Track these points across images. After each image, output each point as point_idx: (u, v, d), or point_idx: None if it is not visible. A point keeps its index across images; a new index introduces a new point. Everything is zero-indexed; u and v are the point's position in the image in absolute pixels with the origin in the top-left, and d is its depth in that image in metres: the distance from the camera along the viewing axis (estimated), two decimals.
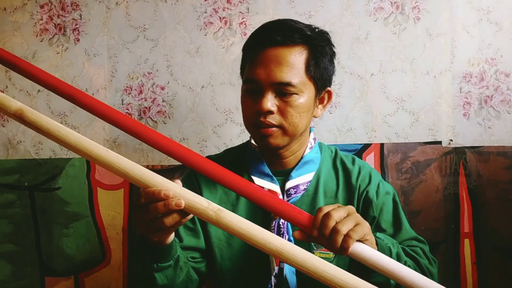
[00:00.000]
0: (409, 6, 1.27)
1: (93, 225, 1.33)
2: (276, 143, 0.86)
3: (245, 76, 0.88)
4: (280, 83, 0.83)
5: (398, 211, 0.94)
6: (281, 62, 0.83)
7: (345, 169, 0.96)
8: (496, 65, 1.26)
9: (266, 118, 0.84)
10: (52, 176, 1.33)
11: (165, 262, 0.75)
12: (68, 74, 1.34)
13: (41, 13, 1.34)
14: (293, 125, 0.85)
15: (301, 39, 0.85)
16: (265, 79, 0.83)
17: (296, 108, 0.85)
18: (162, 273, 0.76)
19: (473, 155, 1.27)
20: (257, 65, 0.85)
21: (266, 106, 0.83)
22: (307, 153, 0.93)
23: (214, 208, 0.64)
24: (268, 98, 0.83)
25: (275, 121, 0.84)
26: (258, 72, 0.84)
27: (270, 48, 0.84)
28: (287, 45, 0.84)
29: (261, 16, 1.29)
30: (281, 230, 0.87)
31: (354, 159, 0.98)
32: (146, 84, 1.32)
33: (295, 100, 0.84)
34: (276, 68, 0.83)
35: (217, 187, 0.94)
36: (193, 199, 0.64)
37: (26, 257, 1.34)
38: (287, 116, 0.84)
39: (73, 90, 0.83)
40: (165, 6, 1.31)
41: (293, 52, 0.84)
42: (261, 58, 0.85)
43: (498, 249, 1.26)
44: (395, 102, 1.28)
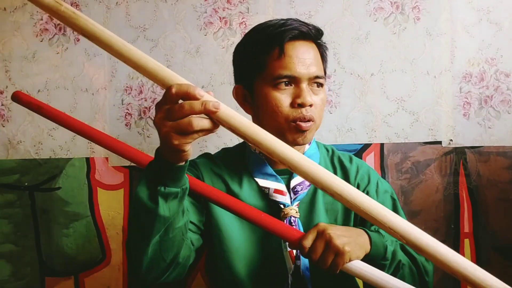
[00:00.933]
0: (409, 6, 1.27)
1: (93, 225, 1.33)
2: (310, 139, 0.89)
3: (278, 71, 0.84)
4: (317, 76, 0.85)
5: (397, 209, 0.95)
6: (312, 56, 0.86)
7: (343, 167, 0.96)
8: (496, 65, 1.26)
9: (308, 112, 0.84)
10: (52, 176, 1.33)
11: (174, 187, 0.67)
12: (68, 74, 1.34)
13: (41, 13, 1.34)
14: (320, 119, 0.88)
15: (316, 35, 0.89)
16: (304, 73, 0.84)
17: (323, 101, 0.88)
18: (166, 202, 0.68)
19: (473, 155, 1.27)
20: (291, 58, 0.84)
21: (309, 99, 0.84)
22: (307, 150, 0.94)
23: (248, 121, 0.61)
24: (307, 91, 0.85)
25: (314, 114, 0.86)
26: (296, 66, 0.84)
27: (299, 40, 0.86)
28: (310, 39, 0.88)
29: (261, 16, 1.29)
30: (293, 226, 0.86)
31: (351, 157, 0.99)
32: (146, 84, 1.32)
33: (322, 93, 0.88)
34: (312, 62, 0.85)
35: (219, 180, 0.92)
36: (227, 108, 0.61)
37: (26, 257, 1.34)
38: (318, 109, 0.87)
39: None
40: (165, 6, 1.31)
41: (314, 47, 0.88)
42: (293, 51, 0.85)
43: (498, 249, 1.26)
44: (395, 102, 1.28)
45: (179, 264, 0.78)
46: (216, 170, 0.94)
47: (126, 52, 0.61)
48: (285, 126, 0.85)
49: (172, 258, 0.75)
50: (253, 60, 0.88)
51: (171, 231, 0.71)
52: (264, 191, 0.90)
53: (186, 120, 0.59)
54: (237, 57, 0.96)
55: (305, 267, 0.87)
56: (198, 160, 0.96)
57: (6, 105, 1.35)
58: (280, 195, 0.88)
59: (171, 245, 0.73)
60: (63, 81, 1.34)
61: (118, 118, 1.33)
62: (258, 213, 0.78)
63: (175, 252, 0.75)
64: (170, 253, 0.74)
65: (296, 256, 0.86)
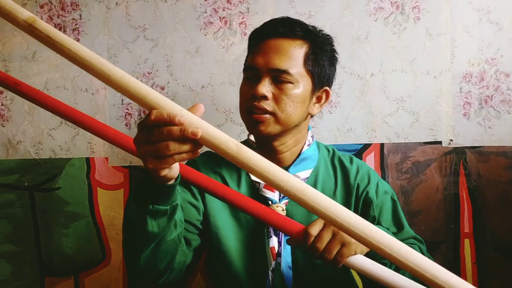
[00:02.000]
0: (409, 6, 1.27)
1: (93, 225, 1.33)
2: (267, 131, 0.87)
3: (245, 65, 0.91)
4: (276, 69, 0.86)
5: (397, 210, 0.95)
6: (280, 51, 0.87)
7: (343, 167, 0.97)
8: (496, 65, 1.26)
9: (259, 103, 0.86)
10: (52, 176, 1.33)
11: (162, 205, 0.67)
12: (68, 74, 1.34)
13: (41, 13, 1.34)
14: (285, 113, 0.87)
15: (303, 33, 0.89)
16: (263, 65, 0.87)
17: (290, 97, 0.87)
18: (155, 220, 0.67)
19: (473, 155, 1.27)
20: (257, 53, 0.89)
21: (261, 91, 0.85)
22: (305, 150, 0.95)
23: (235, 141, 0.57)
24: (264, 83, 0.86)
25: (269, 107, 0.86)
26: (258, 60, 0.88)
27: (272, 38, 0.88)
28: (289, 37, 0.88)
29: (261, 16, 1.29)
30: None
31: (351, 158, 1.00)
32: (146, 84, 1.31)
33: (290, 89, 0.87)
34: (275, 56, 0.86)
35: (217, 177, 0.95)
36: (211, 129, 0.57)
37: (26, 257, 1.34)
38: (280, 103, 0.86)
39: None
40: (165, 6, 1.31)
41: (293, 44, 0.88)
42: (262, 47, 0.89)
43: (498, 249, 1.26)
44: (395, 102, 1.28)
45: (174, 270, 0.80)
46: (215, 169, 0.96)
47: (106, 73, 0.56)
48: (244, 117, 0.91)
49: (165, 266, 0.77)
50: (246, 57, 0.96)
51: (163, 244, 0.72)
52: (255, 185, 0.92)
53: (163, 144, 0.56)
54: None
55: (287, 265, 0.88)
56: (198, 159, 0.98)
57: (6, 105, 1.35)
58: (270, 191, 0.91)
59: (164, 256, 0.74)
60: (63, 81, 1.34)
61: (118, 118, 1.33)
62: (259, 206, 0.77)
63: (169, 260, 0.76)
64: (163, 262, 0.76)
65: (277, 253, 0.87)
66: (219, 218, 0.92)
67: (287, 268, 0.88)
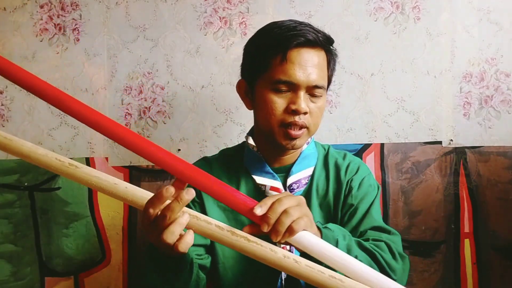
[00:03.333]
0: (409, 6, 1.27)
1: (93, 225, 1.33)
2: (300, 145, 0.89)
3: (278, 76, 0.85)
4: (316, 86, 0.85)
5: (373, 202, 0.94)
6: (316, 65, 0.86)
7: (336, 164, 0.98)
8: (496, 65, 1.26)
9: (300, 119, 0.85)
10: (52, 176, 1.33)
11: (183, 269, 0.74)
12: (68, 74, 1.34)
13: (41, 13, 1.34)
14: (315, 126, 0.89)
15: (325, 42, 0.89)
16: (303, 81, 0.84)
17: (320, 110, 0.88)
18: (179, 281, 0.75)
19: (473, 155, 1.27)
20: (293, 65, 0.84)
21: (304, 107, 0.84)
22: (305, 148, 0.95)
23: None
24: (303, 99, 0.85)
25: (307, 122, 0.86)
26: (296, 74, 0.84)
27: (304, 47, 0.85)
28: (317, 46, 0.87)
29: (261, 16, 1.29)
30: None
31: (345, 154, 1.01)
32: (146, 84, 1.32)
33: (321, 102, 0.88)
34: (313, 71, 0.85)
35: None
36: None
37: (26, 257, 1.34)
38: (314, 117, 0.87)
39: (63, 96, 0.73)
40: (165, 6, 1.31)
41: (321, 55, 0.88)
42: (296, 58, 0.85)
43: (498, 249, 1.26)
44: (395, 102, 1.28)
45: None
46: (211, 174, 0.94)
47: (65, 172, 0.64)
48: (276, 130, 0.87)
49: None
50: (259, 60, 0.89)
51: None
52: (261, 188, 0.92)
53: (171, 230, 0.62)
54: (246, 52, 0.96)
55: None
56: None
57: (6, 105, 1.35)
58: (276, 193, 0.90)
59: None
60: (63, 81, 1.34)
61: (118, 118, 1.33)
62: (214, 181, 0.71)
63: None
64: None
65: None
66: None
67: None
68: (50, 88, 0.71)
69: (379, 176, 1.28)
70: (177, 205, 0.61)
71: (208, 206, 0.93)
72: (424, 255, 1.27)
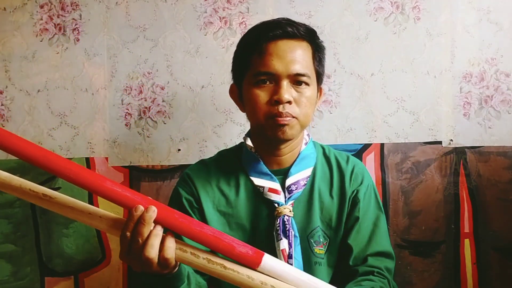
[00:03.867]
0: (409, 6, 1.27)
1: None
2: (292, 134, 0.88)
3: (257, 69, 0.87)
4: (297, 74, 0.85)
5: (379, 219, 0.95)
6: (296, 54, 0.86)
7: (340, 167, 0.97)
8: (496, 65, 1.26)
9: (285, 109, 0.85)
10: (52, 176, 1.33)
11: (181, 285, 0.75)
12: (68, 74, 1.34)
13: (41, 13, 1.34)
14: (306, 116, 0.88)
15: (307, 34, 0.89)
16: (283, 70, 0.85)
17: (308, 99, 0.88)
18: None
19: (473, 155, 1.27)
20: (270, 56, 0.85)
21: (286, 96, 0.84)
22: (303, 149, 0.95)
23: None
24: (285, 89, 0.85)
25: (293, 111, 0.86)
26: (274, 64, 0.85)
27: (282, 39, 0.86)
28: (297, 38, 0.88)
29: (261, 16, 1.29)
30: (286, 227, 0.88)
31: (348, 157, 1.00)
32: (146, 84, 1.32)
33: (307, 91, 0.87)
34: (293, 59, 0.85)
35: (214, 189, 0.94)
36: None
37: (26, 257, 1.34)
38: (301, 106, 0.87)
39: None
40: (165, 6, 1.31)
41: (303, 45, 0.88)
42: (274, 49, 0.86)
43: (498, 249, 1.26)
44: (395, 102, 1.28)
45: None
46: (209, 178, 0.95)
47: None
48: (264, 123, 0.87)
49: None
50: (242, 59, 0.92)
51: None
52: (259, 189, 0.91)
53: (146, 249, 0.65)
54: (234, 55, 0.98)
55: (299, 266, 0.88)
56: (190, 172, 0.97)
57: (6, 105, 1.35)
58: (275, 194, 0.90)
59: None
60: (63, 81, 1.34)
61: (118, 118, 1.33)
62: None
63: None
64: None
65: (288, 255, 0.87)
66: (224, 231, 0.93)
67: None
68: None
69: (379, 176, 1.28)
70: (142, 227, 0.65)
71: (207, 212, 0.92)
72: (424, 255, 1.27)
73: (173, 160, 1.31)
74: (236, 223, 0.92)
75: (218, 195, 0.93)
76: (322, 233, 0.92)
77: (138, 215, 0.66)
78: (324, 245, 0.91)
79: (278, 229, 0.87)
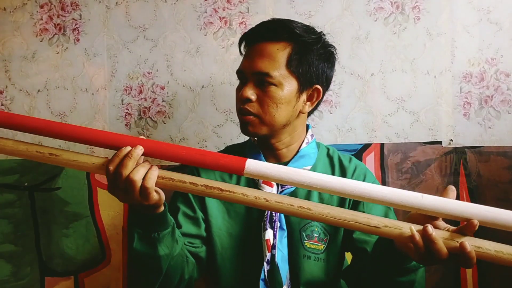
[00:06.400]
0: (409, 6, 1.27)
1: (93, 225, 1.33)
2: (253, 131, 0.92)
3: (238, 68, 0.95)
4: (259, 72, 0.89)
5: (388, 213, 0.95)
6: (263, 55, 0.90)
7: (342, 166, 0.99)
8: (496, 65, 1.26)
9: (245, 105, 0.90)
10: (52, 176, 1.33)
11: (165, 229, 0.78)
12: (68, 74, 1.34)
13: (41, 13, 1.34)
14: (269, 115, 0.90)
15: (287, 35, 0.91)
16: (247, 69, 0.91)
17: (273, 99, 0.89)
18: (163, 242, 0.78)
19: (473, 155, 1.27)
20: (244, 58, 0.94)
21: (246, 94, 0.90)
22: (304, 148, 0.97)
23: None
24: (249, 86, 0.90)
25: (253, 109, 0.90)
26: (244, 64, 0.93)
27: (258, 43, 0.92)
28: (272, 40, 0.91)
29: (261, 16, 1.29)
30: (273, 218, 0.91)
31: (351, 158, 1.02)
32: (146, 84, 1.32)
33: (273, 91, 0.89)
34: (257, 59, 0.90)
35: (216, 178, 0.97)
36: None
37: (26, 257, 1.34)
38: (264, 105, 0.90)
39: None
40: (165, 6, 1.31)
41: (276, 46, 0.90)
42: (249, 51, 0.93)
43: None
44: (395, 102, 1.28)
45: (185, 280, 0.88)
46: None
47: None
48: (238, 118, 0.95)
49: (178, 279, 0.86)
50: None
51: (172, 261, 0.81)
52: (255, 180, 0.95)
53: (130, 180, 0.70)
54: None
55: (283, 257, 0.90)
56: None
57: (6, 105, 1.35)
58: (268, 186, 0.94)
59: (174, 271, 0.84)
60: (63, 81, 1.34)
61: (118, 118, 1.33)
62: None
63: (180, 273, 0.86)
64: (175, 277, 0.85)
65: (272, 245, 0.90)
66: (219, 218, 0.96)
67: (282, 261, 0.90)
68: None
69: (379, 176, 1.28)
70: (129, 160, 0.70)
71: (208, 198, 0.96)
72: None
73: None
74: (235, 211, 0.96)
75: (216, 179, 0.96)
76: (322, 229, 0.94)
77: (125, 151, 0.71)
78: (323, 241, 0.93)
79: (265, 220, 0.91)
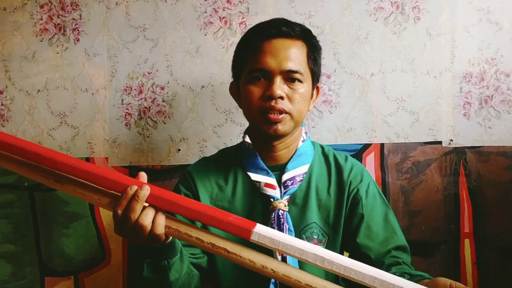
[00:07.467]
0: (409, 6, 1.27)
1: (93, 225, 1.33)
2: (284, 130, 0.90)
3: (252, 66, 0.90)
4: (290, 70, 0.88)
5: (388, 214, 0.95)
6: (289, 52, 0.89)
7: (338, 165, 0.99)
8: (496, 65, 1.26)
9: (277, 104, 0.87)
10: None
11: (174, 256, 0.77)
12: (68, 74, 1.34)
13: (41, 13, 1.34)
14: (299, 112, 0.90)
15: (302, 34, 0.92)
16: (275, 67, 0.88)
17: (301, 96, 0.90)
18: (173, 268, 0.77)
19: (473, 155, 1.27)
20: (265, 54, 0.89)
21: (278, 92, 0.87)
22: (300, 146, 0.97)
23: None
24: (278, 84, 0.88)
25: (286, 107, 0.88)
26: (268, 61, 0.88)
27: (277, 38, 0.90)
28: (291, 37, 0.90)
29: (261, 16, 1.29)
30: (281, 221, 0.90)
31: (347, 157, 1.01)
32: (146, 84, 1.32)
33: (300, 88, 0.90)
34: (286, 57, 0.88)
35: (212, 184, 0.97)
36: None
37: (26, 257, 1.34)
38: (294, 102, 0.89)
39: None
40: (165, 6, 1.31)
41: (297, 44, 0.91)
42: (268, 47, 0.89)
43: (498, 249, 1.26)
44: (395, 102, 1.28)
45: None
46: (208, 173, 0.98)
47: None
48: (258, 118, 0.90)
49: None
50: (239, 57, 0.96)
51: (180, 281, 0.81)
52: (256, 184, 0.94)
53: (138, 225, 0.68)
54: (233, 55, 1.01)
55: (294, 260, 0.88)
56: (191, 169, 1.01)
57: (6, 105, 1.35)
58: (271, 189, 0.92)
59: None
60: (63, 81, 1.34)
61: (118, 118, 1.33)
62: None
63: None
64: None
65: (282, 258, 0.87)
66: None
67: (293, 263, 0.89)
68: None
69: (379, 176, 1.28)
70: (136, 204, 0.67)
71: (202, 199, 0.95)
72: (424, 255, 1.27)
73: (173, 160, 1.31)
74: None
75: (216, 190, 0.96)
76: (320, 230, 0.93)
77: (132, 193, 0.68)
78: (322, 242, 0.93)
79: (273, 222, 0.89)
